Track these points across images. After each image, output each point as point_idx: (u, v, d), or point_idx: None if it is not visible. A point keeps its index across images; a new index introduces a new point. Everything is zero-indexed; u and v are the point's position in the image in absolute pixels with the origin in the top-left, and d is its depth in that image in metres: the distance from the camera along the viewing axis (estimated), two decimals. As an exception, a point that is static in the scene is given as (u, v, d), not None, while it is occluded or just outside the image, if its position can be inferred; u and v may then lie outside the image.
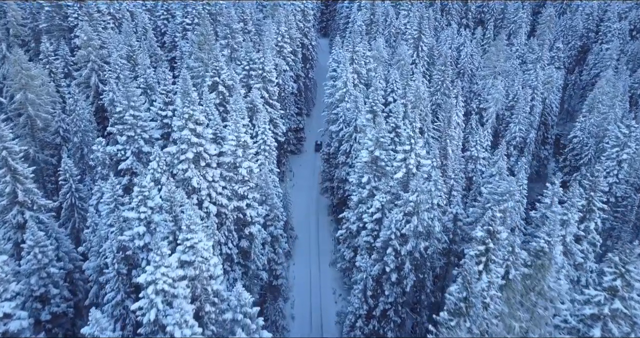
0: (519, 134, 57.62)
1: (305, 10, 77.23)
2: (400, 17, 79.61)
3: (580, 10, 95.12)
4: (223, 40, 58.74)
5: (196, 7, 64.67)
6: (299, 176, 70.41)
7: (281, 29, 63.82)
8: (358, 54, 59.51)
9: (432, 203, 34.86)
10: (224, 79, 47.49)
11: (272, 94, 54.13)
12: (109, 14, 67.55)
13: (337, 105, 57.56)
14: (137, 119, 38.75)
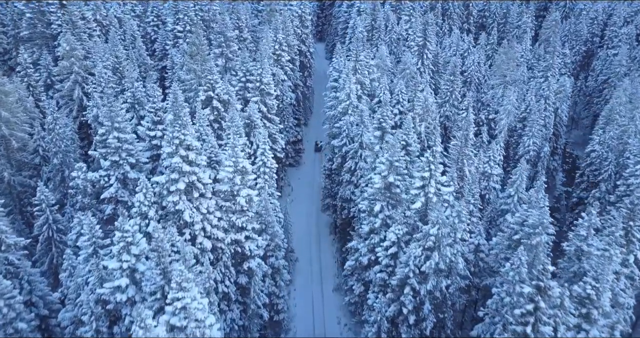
0: (532, 148, 53.57)
1: (303, 16, 72.81)
2: (401, 23, 75.45)
3: (584, 14, 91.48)
4: (217, 49, 54.21)
5: (188, 13, 60.02)
6: (297, 190, 66.02)
7: (279, 37, 59.39)
8: (361, 63, 55.18)
9: (455, 237, 30.62)
10: (219, 93, 43.00)
11: (270, 108, 49.70)
12: (95, 21, 62.74)
13: (339, 118, 53.21)
14: (122, 142, 34.19)
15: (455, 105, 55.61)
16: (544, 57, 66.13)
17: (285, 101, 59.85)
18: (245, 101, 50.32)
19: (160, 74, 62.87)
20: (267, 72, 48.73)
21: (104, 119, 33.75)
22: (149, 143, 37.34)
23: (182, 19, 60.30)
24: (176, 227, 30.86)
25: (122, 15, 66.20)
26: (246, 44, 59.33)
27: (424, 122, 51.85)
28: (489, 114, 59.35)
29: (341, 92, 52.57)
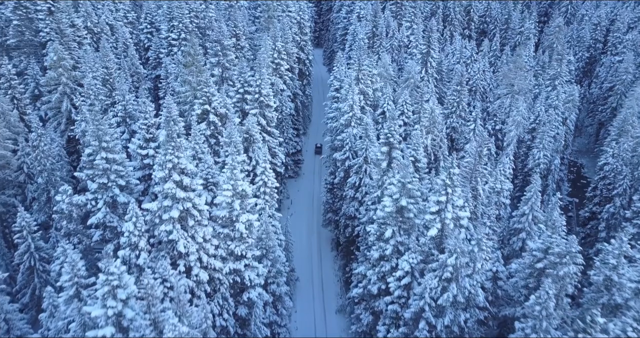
0: (543, 161, 50.96)
1: (302, 22, 70.00)
2: (402, 29, 72.81)
3: (586, 20, 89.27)
4: (213, 58, 51.23)
5: (183, 20, 57.10)
6: (297, 202, 63.14)
7: (277, 45, 56.54)
8: (364, 72, 52.43)
9: (475, 267, 27.82)
10: (216, 107, 40.07)
11: (270, 121, 46.80)
12: (86, 29, 59.70)
13: (342, 130, 50.40)
14: (111, 163, 31.17)
15: (462, 117, 52.92)
16: (550, 65, 63.64)
17: (284, 112, 56.98)
18: (243, 113, 47.43)
19: (154, 83, 59.94)
20: (266, 84, 45.85)
21: (91, 138, 30.74)
22: (141, 162, 34.36)
23: (176, 26, 57.36)
24: (169, 257, 27.93)
25: (114, 22, 63.17)
26: (243, 52, 56.44)
27: (430, 134, 49.15)
28: (495, 124, 56.72)
29: (344, 103, 49.77)
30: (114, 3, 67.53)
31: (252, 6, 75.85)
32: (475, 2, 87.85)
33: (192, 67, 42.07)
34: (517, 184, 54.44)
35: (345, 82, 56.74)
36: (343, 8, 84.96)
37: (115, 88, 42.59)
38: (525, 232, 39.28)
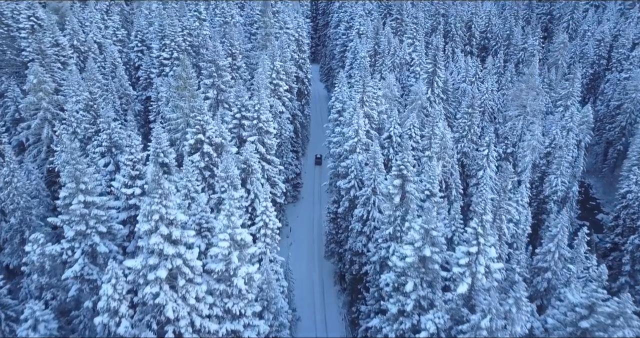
0: (560, 188, 47.07)
1: (300, 40, 66.21)
2: (404, 46, 69.19)
3: (588, 35, 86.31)
4: (208, 79, 47.14)
5: (175, 39, 52.99)
6: (296, 229, 58.72)
7: (276, 64, 52.55)
8: (368, 94, 48.51)
9: (514, 331, 23.56)
10: (211, 136, 35.80)
11: (269, 148, 42.61)
12: (72, 47, 55.41)
13: (346, 156, 46.30)
14: (90, 207, 26.76)
15: (473, 141, 49.04)
16: (560, 83, 60.17)
17: (283, 135, 52.82)
18: (240, 140, 43.27)
19: (144, 105, 55.66)
20: (265, 108, 41.73)
21: (67, 179, 26.33)
22: (125, 202, 29.95)
23: (168, 45, 53.23)
24: (156, 322, 23.46)
25: (102, 40, 58.98)
26: (240, 72, 52.39)
27: (441, 161, 45.18)
28: (506, 147, 52.86)
29: (348, 128, 45.70)
30: (103, 20, 63.41)
31: (248, 22, 72.07)
32: (476, 17, 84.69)
33: (184, 91, 37.87)
34: (531, 211, 50.52)
35: (347, 104, 52.86)
36: (341, 24, 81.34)
37: (100, 115, 38.20)
38: (551, 272, 35.21)
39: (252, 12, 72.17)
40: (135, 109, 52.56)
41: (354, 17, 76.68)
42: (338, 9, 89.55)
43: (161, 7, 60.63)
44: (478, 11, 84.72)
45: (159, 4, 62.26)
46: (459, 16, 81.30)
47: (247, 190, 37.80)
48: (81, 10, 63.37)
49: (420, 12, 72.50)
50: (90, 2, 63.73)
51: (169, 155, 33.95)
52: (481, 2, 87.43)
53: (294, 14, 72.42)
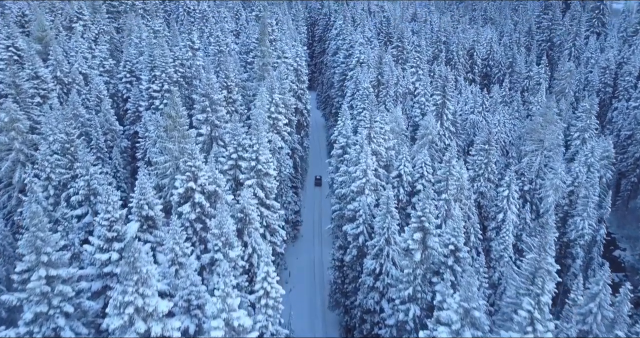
0: (587, 232, 42.39)
1: (299, 69, 62.10)
2: (407, 75, 65.36)
3: (592, 63, 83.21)
4: (201, 114, 42.51)
5: (166, 70, 48.47)
6: (296, 273, 53.37)
7: (274, 97, 48.10)
8: (376, 129, 44.01)
9: None
10: (203, 184, 30.84)
11: (269, 192, 37.69)
12: (55, 79, 50.76)
13: (353, 197, 41.47)
14: (54, 281, 21.55)
15: (491, 180, 44.47)
16: (574, 114, 56.27)
17: (283, 173, 47.99)
18: (236, 183, 38.34)
19: (132, 140, 50.71)
20: (264, 148, 36.95)
21: (26, 249, 21.16)
22: (99, 269, 24.72)
23: (159, 76, 48.67)
24: None
25: (88, 71, 54.37)
26: (236, 106, 47.82)
27: (457, 203, 40.43)
28: (523, 185, 48.28)
29: (355, 167, 40.97)
30: (90, 49, 59.01)
31: (244, 51, 68.07)
32: (478, 45, 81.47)
33: (173, 132, 33.08)
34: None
35: (351, 139, 48.47)
36: (340, 52, 77.58)
37: (77, 159, 33.20)
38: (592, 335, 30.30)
39: (248, 40, 68.23)
40: (121, 146, 47.65)
41: (353, 45, 72.94)
42: (336, 36, 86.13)
43: (152, 36, 56.43)
44: (480, 38, 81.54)
45: (149, 32, 58.09)
46: (460, 43, 77.98)
47: (243, 243, 32.73)
48: (67, 39, 58.95)
49: (423, 40, 68.83)
50: (77, 31, 59.38)
51: (155, 207, 28.94)
52: (482, 28, 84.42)
53: (292, 42, 68.56)
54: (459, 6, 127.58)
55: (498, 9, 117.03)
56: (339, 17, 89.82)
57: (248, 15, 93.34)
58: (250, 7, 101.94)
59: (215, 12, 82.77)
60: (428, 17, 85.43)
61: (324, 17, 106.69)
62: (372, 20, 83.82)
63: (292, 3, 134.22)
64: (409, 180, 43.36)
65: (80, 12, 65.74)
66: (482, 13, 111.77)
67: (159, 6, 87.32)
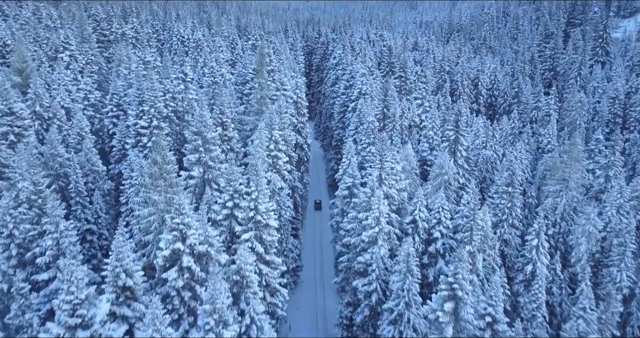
0: (626, 284, 37.43)
1: (299, 102, 57.89)
2: (413, 107, 61.32)
3: (599, 92, 79.90)
4: (192, 154, 37.72)
5: (155, 104, 43.91)
6: (297, 327, 47.62)
7: (274, 134, 43.53)
8: (386, 170, 39.36)
9: None
10: (193, 244, 25.75)
11: (270, 246, 32.58)
12: (34, 114, 46.04)
13: (364, 248, 36.48)
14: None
15: (515, 226, 39.72)
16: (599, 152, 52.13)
17: (283, 216, 43.00)
18: (232, 234, 33.25)
19: (116, 182, 45.69)
20: (264, 195, 32.04)
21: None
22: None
23: (147, 111, 44.04)
24: None
25: (71, 105, 49.72)
26: (232, 144, 43.14)
27: (480, 254, 35.54)
28: (547, 228, 43.53)
29: (367, 214, 36.09)
30: (76, 81, 54.54)
31: (240, 81, 64.00)
32: (482, 74, 78.11)
33: (159, 181, 28.15)
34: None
35: (358, 178, 43.82)
36: (340, 82, 73.77)
37: (46, 212, 28.09)
38: None
39: (245, 71, 64.27)
40: (104, 188, 42.58)
41: (354, 76, 69.18)
42: (335, 66, 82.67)
43: (141, 67, 52.13)
44: (484, 68, 78.23)
45: (138, 63, 53.86)
46: (465, 73, 74.52)
47: (240, 310, 27.46)
48: (50, 71, 54.50)
49: (428, 70, 65.14)
50: (60, 62, 55.00)
51: (134, 274, 23.77)
52: (486, 57, 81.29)
53: (291, 73, 64.60)
54: (457, 35, 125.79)
55: (497, 38, 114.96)
56: (338, 46, 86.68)
57: (244, 44, 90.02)
58: (246, 36, 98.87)
59: (210, 41, 79.13)
60: (429, 46, 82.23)
61: (321, 46, 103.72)
62: (372, 49, 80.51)
63: (289, 32, 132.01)
64: (425, 227, 38.48)
65: (67, 41, 61.60)
66: (481, 42, 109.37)
67: (152, 35, 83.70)
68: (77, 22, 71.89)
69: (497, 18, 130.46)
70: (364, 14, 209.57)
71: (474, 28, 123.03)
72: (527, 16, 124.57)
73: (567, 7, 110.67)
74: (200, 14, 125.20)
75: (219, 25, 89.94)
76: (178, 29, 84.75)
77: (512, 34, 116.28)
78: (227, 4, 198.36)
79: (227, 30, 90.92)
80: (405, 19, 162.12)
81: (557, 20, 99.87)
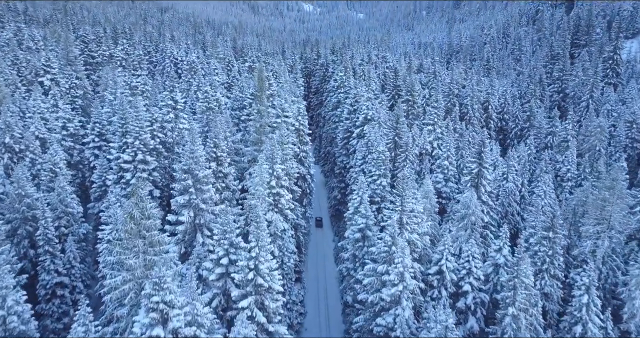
0: (691, 346, 31.47)
1: (301, 129, 52.31)
2: (424, 134, 55.91)
3: (614, 116, 75.11)
4: (181, 196, 31.81)
5: (141, 135, 38.06)
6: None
7: (276, 169, 37.72)
8: (408, 213, 33.51)
9: None
10: (177, 328, 19.56)
11: (273, 313, 26.39)
12: (3, 146, 40.07)
13: (384, 307, 30.40)
14: None
15: (557, 277, 33.82)
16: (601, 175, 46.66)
17: (286, 264, 36.87)
18: (227, 298, 27.09)
19: (96, 223, 39.53)
20: (265, 252, 26.01)
21: None
22: None
23: (131, 144, 38.17)
24: None
25: (47, 135, 43.80)
26: (227, 181, 37.22)
27: (522, 314, 29.51)
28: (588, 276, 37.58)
29: (387, 267, 30.09)
30: (53, 108, 48.71)
31: (237, 106, 58.48)
32: (493, 97, 73.21)
33: (136, 240, 22.10)
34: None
35: (370, 219, 37.93)
36: (343, 106, 68.43)
37: None
38: None
39: (242, 95, 58.86)
40: (79, 233, 36.43)
41: (358, 100, 63.90)
42: (335, 88, 77.44)
43: (127, 92, 46.49)
44: (494, 90, 73.38)
45: (124, 88, 48.25)
46: (475, 96, 69.51)
47: None
48: (26, 96, 48.71)
49: (439, 94, 60.01)
50: (36, 87, 49.21)
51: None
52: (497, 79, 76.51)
53: (292, 97, 59.17)
54: (457, 56, 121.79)
55: (499, 59, 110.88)
56: (338, 68, 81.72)
57: (240, 66, 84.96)
58: (242, 57, 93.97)
59: (205, 63, 73.88)
60: (435, 68, 77.42)
61: (320, 68, 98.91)
62: (375, 71, 75.58)
63: (287, 53, 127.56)
64: (453, 279, 32.53)
65: (48, 64, 55.99)
66: (484, 63, 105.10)
67: (143, 57, 78.38)
68: (62, 44, 66.47)
69: (497, 39, 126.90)
70: (360, 35, 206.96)
71: (476, 49, 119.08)
72: (528, 37, 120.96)
73: (571, 28, 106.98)
74: (196, 35, 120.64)
75: (214, 46, 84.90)
76: (171, 51, 79.51)
77: (514, 55, 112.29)
78: (222, 26, 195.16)
79: (222, 52, 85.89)
80: (403, 40, 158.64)
81: (563, 41, 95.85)
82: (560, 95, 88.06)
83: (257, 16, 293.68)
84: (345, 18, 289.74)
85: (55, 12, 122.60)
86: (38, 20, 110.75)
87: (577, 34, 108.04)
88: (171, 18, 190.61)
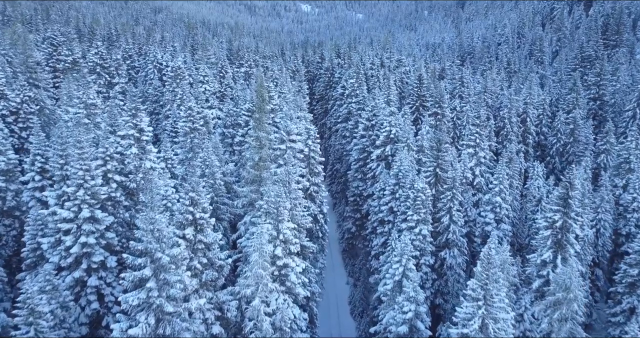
0: None
1: (312, 156, 39.26)
2: (464, 158, 43.21)
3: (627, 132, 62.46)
4: (134, 293, 19.01)
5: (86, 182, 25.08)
6: None
7: (282, 228, 24.85)
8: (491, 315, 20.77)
9: None
10: None
11: None
12: None
13: None
14: None
15: None
16: None
17: None
18: None
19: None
20: None
21: None
22: None
23: (73, 194, 25.09)
24: None
25: None
26: (210, 256, 24.23)
27: None
28: None
29: None
30: None
31: (230, 123, 45.75)
32: (531, 108, 60.54)
33: None
34: None
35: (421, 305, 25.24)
36: (357, 121, 55.69)
37: None
38: None
39: (236, 110, 46.08)
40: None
41: (377, 113, 51.06)
42: (346, 97, 64.57)
43: (81, 114, 33.46)
44: (532, 100, 60.76)
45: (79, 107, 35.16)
46: (513, 108, 56.82)
47: None
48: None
49: (482, 108, 47.22)
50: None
51: None
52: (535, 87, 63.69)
53: (297, 112, 46.06)
54: (470, 58, 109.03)
55: (518, 60, 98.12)
56: (347, 73, 68.88)
57: (235, 71, 71.91)
58: (238, 61, 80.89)
59: (193, 69, 60.82)
60: (462, 73, 64.67)
61: (325, 72, 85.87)
62: (392, 77, 62.69)
63: (286, 55, 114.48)
64: None
65: (-10, 74, 42.81)
66: (504, 66, 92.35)
67: (123, 62, 65.18)
68: (20, 47, 53.30)
69: (512, 40, 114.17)
70: (360, 36, 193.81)
71: (492, 51, 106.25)
72: (547, 38, 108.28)
73: (599, 27, 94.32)
74: (188, 37, 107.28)
75: (205, 49, 71.76)
76: (154, 54, 66.34)
77: (536, 57, 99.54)
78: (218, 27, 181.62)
79: (215, 55, 72.76)
80: (407, 41, 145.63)
81: (595, 42, 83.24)
82: (597, 103, 75.36)
83: (254, 17, 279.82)
84: (344, 18, 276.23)
85: (38, 12, 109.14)
86: (16, 21, 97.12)
87: (605, 33, 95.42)
88: (165, 19, 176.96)
